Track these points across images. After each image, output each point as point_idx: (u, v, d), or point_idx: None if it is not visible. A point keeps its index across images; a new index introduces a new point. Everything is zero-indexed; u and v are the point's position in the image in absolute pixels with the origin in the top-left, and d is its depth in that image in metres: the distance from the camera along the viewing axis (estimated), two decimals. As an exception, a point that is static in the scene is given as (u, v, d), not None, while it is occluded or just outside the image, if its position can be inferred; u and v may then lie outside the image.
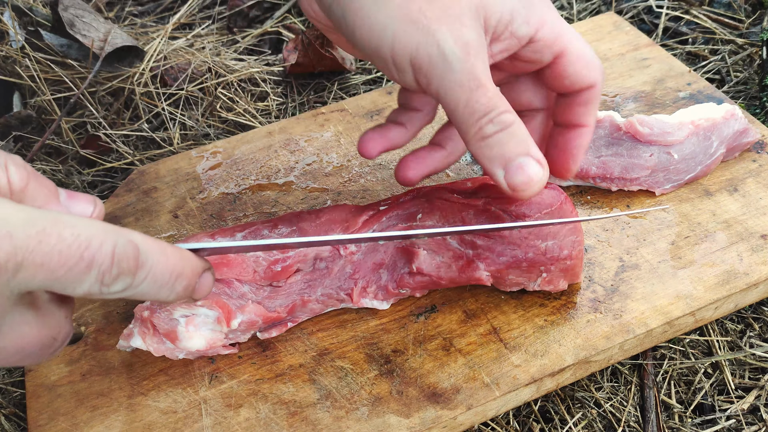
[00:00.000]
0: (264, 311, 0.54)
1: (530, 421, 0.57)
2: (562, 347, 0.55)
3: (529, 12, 0.50)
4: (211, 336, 0.53)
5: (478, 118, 0.48)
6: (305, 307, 0.56)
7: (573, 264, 0.55)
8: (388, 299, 0.57)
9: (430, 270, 0.55)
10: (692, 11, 0.94)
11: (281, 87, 0.91)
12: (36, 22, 0.92)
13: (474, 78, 0.47)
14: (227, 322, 0.53)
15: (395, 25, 0.47)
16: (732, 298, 0.58)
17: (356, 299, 0.56)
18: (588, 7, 0.97)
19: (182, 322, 0.52)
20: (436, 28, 0.47)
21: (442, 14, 0.47)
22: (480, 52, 0.48)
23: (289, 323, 0.56)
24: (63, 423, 0.52)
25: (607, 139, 0.65)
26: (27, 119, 0.85)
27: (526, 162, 0.49)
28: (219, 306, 0.53)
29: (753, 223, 0.62)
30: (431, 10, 0.47)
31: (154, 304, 0.53)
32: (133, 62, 0.90)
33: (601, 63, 0.53)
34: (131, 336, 0.53)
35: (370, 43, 0.48)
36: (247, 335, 0.56)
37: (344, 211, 0.58)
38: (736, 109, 0.66)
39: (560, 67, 0.52)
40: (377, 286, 0.57)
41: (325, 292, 0.56)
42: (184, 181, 0.71)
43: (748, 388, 0.59)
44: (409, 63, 0.48)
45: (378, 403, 0.52)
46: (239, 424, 0.51)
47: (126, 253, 0.40)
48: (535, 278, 0.55)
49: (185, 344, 0.53)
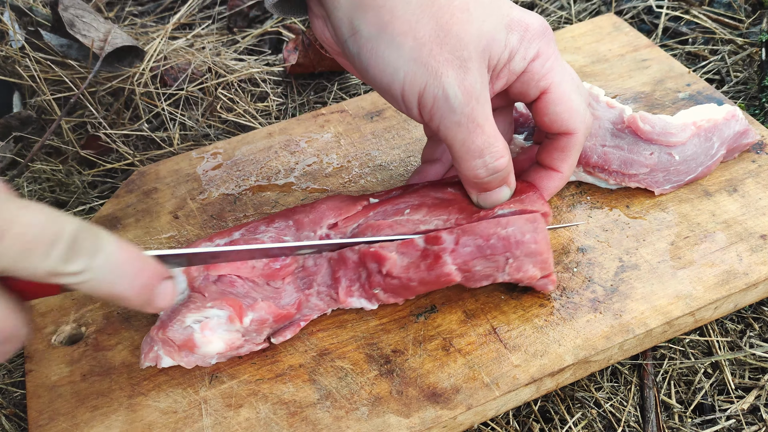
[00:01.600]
0: (275, 308, 0.54)
1: (530, 421, 0.57)
2: (562, 347, 0.55)
3: (527, 48, 0.53)
4: (228, 336, 0.53)
5: (471, 157, 0.53)
6: (308, 302, 0.56)
7: (538, 248, 0.54)
8: (373, 300, 0.57)
9: (399, 273, 0.54)
10: (692, 11, 0.94)
11: (281, 87, 0.91)
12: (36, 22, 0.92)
13: (472, 120, 0.51)
14: (240, 319, 0.53)
15: (407, 67, 0.50)
16: (731, 298, 0.58)
17: (342, 298, 0.56)
18: (588, 8, 0.97)
19: (196, 328, 0.52)
20: (443, 71, 0.50)
21: (450, 57, 0.50)
22: (481, 96, 0.51)
23: (302, 322, 0.56)
24: (63, 423, 0.52)
25: (612, 129, 0.65)
26: (27, 120, 0.85)
27: (499, 190, 0.56)
28: (229, 304, 0.53)
29: (752, 223, 0.62)
30: (441, 53, 0.50)
31: (165, 320, 0.53)
32: (133, 62, 0.90)
33: (588, 116, 0.56)
34: (159, 359, 0.53)
35: (382, 80, 0.52)
36: (262, 336, 0.55)
37: (337, 201, 0.59)
38: (736, 110, 0.66)
39: (543, 104, 0.55)
40: (359, 285, 0.56)
41: (319, 289, 0.57)
42: (185, 182, 0.71)
43: (748, 388, 0.59)
44: (417, 101, 0.51)
45: (378, 403, 0.52)
46: (239, 424, 0.52)
47: (86, 234, 0.42)
48: (503, 266, 0.54)
49: (204, 350, 0.53)
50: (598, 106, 0.66)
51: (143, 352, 0.53)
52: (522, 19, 0.53)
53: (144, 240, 0.65)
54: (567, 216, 0.64)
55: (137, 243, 0.65)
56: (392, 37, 0.50)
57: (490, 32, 0.51)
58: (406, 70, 0.51)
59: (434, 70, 0.50)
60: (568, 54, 0.80)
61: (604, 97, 0.67)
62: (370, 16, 0.50)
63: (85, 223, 0.43)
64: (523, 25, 0.52)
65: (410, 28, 0.50)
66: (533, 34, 0.52)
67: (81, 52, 0.90)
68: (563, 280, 0.59)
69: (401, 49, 0.50)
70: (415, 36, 0.50)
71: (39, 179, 0.80)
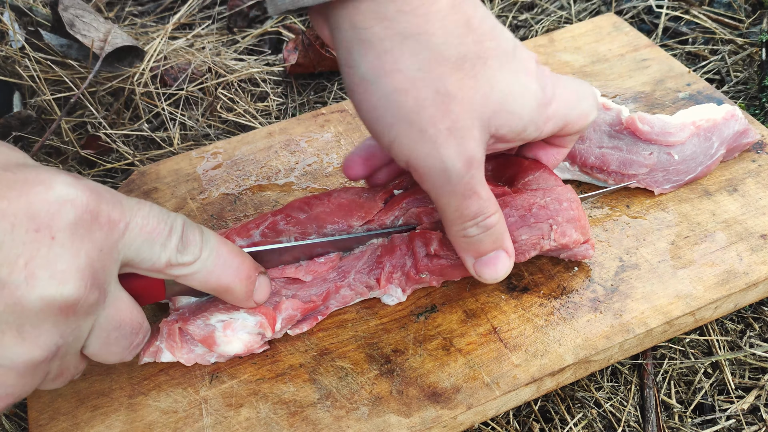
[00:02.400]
0: (300, 303, 0.55)
1: (530, 421, 0.57)
2: (562, 347, 0.55)
3: (543, 115, 0.49)
4: (248, 339, 0.53)
5: (464, 221, 0.50)
6: (338, 293, 0.57)
7: (577, 214, 0.56)
8: (408, 286, 0.58)
9: (447, 252, 0.56)
10: (692, 11, 0.94)
11: (281, 87, 0.91)
12: (36, 22, 0.92)
13: (469, 188, 0.48)
14: (272, 328, 0.53)
15: (402, 127, 0.46)
16: (732, 298, 0.58)
17: (383, 284, 0.57)
18: (588, 8, 0.97)
19: (219, 327, 0.53)
20: (442, 142, 0.46)
21: (452, 126, 0.46)
22: (481, 163, 0.48)
23: (319, 316, 0.57)
24: (64, 422, 0.52)
25: (609, 131, 0.65)
26: (27, 120, 0.85)
27: (496, 255, 0.53)
28: (262, 312, 0.53)
29: (752, 222, 0.62)
30: (442, 121, 0.45)
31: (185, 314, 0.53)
32: (133, 62, 0.90)
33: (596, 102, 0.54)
34: (159, 352, 0.53)
35: (372, 126, 0.48)
36: (281, 333, 0.56)
37: (353, 194, 0.59)
38: (736, 110, 0.66)
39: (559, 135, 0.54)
40: (402, 272, 0.57)
41: (356, 277, 0.57)
42: (185, 181, 0.71)
43: (748, 388, 0.60)
44: (406, 160, 0.48)
45: (378, 402, 0.52)
46: (239, 424, 0.52)
47: (192, 228, 0.47)
48: (548, 233, 0.55)
49: (223, 349, 0.53)
50: None
51: (143, 349, 0.54)
52: (544, 84, 0.49)
53: (144, 240, 0.65)
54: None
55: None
56: (391, 90, 0.45)
57: (498, 101, 0.47)
58: (401, 130, 0.46)
59: (432, 138, 0.46)
60: (568, 54, 0.80)
61: (600, 98, 0.67)
62: (371, 56, 0.45)
63: (188, 218, 0.47)
64: (544, 96, 0.49)
65: (412, 86, 0.45)
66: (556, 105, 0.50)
67: (81, 52, 0.90)
68: (564, 280, 0.59)
69: (399, 107, 0.45)
70: (416, 96, 0.45)
71: (39, 179, 0.80)
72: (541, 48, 0.82)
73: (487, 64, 0.46)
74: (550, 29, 0.94)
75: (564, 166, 0.66)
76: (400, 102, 0.45)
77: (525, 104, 0.48)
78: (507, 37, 0.48)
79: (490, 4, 0.99)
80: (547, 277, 0.59)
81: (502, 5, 0.99)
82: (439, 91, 0.45)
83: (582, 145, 0.65)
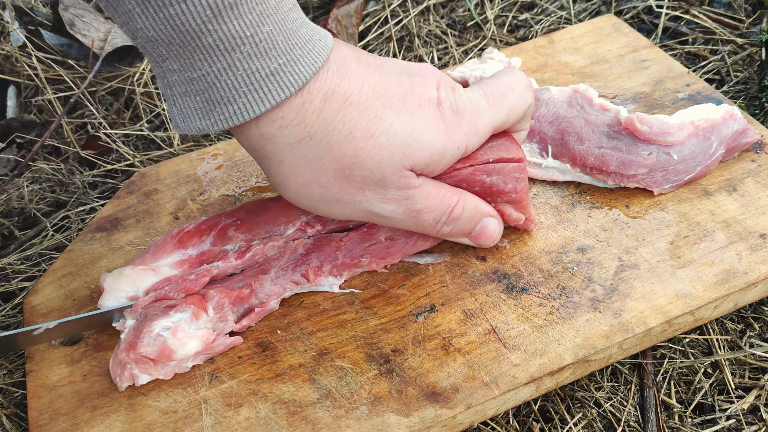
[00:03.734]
0: (225, 290, 0.55)
1: (530, 421, 0.57)
2: (562, 346, 0.55)
3: (458, 134, 0.52)
4: (200, 333, 0.53)
5: (433, 227, 0.55)
6: (262, 287, 0.57)
7: (519, 197, 0.58)
8: (343, 273, 0.60)
9: (400, 233, 0.59)
10: (692, 11, 0.94)
11: (281, 87, 0.91)
12: (36, 22, 0.92)
13: (415, 212, 0.53)
14: (204, 310, 0.54)
15: (321, 206, 0.52)
16: (731, 297, 0.58)
17: (312, 278, 0.58)
18: (588, 8, 0.97)
19: (167, 335, 0.52)
20: (361, 198, 0.51)
21: (363, 183, 0.50)
22: (415, 189, 0.51)
23: (256, 308, 0.57)
24: (64, 423, 0.52)
25: (608, 132, 0.65)
26: (29, 124, 0.85)
27: (483, 225, 0.57)
28: (188, 302, 0.54)
29: (752, 222, 0.62)
30: (351, 184, 0.50)
31: (130, 340, 0.53)
32: (133, 62, 0.90)
33: (523, 89, 0.56)
34: (136, 378, 0.53)
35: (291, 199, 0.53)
36: (228, 325, 0.56)
37: None
38: (735, 110, 0.66)
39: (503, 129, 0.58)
40: (332, 265, 0.59)
41: (280, 273, 0.58)
42: (185, 183, 0.71)
43: (748, 388, 0.60)
44: (344, 219, 0.55)
45: (377, 402, 0.52)
46: (239, 424, 0.52)
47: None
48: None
49: (182, 352, 0.53)
50: (591, 109, 0.67)
51: (117, 376, 0.53)
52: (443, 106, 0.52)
53: (144, 241, 0.65)
54: (567, 216, 0.64)
55: (138, 244, 0.65)
56: (297, 188, 0.51)
57: (404, 141, 0.49)
58: (321, 208, 0.52)
59: (351, 200, 0.51)
60: (568, 55, 0.80)
61: (598, 99, 0.67)
62: (273, 167, 0.50)
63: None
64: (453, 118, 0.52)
65: (313, 178, 0.50)
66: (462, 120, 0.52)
67: (81, 51, 0.90)
68: (563, 279, 0.59)
69: (311, 197, 0.51)
70: (320, 183, 0.50)
71: (39, 179, 0.80)
72: (541, 49, 0.82)
73: (381, 117, 0.49)
74: (550, 29, 0.94)
75: (564, 168, 0.66)
76: (311, 194, 0.51)
77: (433, 134, 0.50)
78: (397, 83, 0.51)
79: (490, 4, 0.99)
80: (546, 276, 0.59)
81: (502, 5, 0.99)
82: (340, 168, 0.49)
83: (581, 146, 0.65)
